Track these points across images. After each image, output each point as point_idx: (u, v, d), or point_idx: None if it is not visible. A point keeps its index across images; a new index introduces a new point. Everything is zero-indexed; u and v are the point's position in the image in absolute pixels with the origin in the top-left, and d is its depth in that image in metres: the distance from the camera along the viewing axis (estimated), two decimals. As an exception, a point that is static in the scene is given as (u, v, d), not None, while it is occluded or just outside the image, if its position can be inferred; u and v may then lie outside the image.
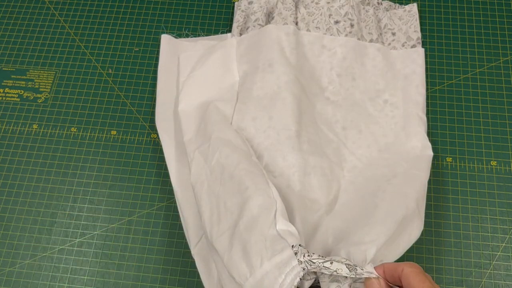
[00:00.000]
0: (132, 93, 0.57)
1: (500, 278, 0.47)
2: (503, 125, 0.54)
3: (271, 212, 0.38)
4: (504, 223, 0.50)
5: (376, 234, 0.40)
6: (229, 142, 0.46)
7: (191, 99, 0.53)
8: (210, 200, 0.44)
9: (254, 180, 0.42)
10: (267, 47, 0.53)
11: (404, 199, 0.44)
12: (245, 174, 0.43)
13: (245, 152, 0.46)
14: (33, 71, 0.59)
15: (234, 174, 0.43)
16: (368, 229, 0.41)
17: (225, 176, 0.44)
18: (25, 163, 0.54)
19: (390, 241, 0.41)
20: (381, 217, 0.42)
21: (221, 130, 0.48)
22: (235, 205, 0.41)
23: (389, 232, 0.40)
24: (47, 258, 0.50)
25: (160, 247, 0.50)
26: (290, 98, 0.50)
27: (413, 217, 0.43)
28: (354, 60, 0.54)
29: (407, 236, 0.43)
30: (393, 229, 0.41)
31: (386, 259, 0.41)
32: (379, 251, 0.40)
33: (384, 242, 0.40)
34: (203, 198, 0.44)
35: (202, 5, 0.62)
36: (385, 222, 0.41)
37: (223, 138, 0.47)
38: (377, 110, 0.53)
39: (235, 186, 0.43)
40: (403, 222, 0.42)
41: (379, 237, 0.40)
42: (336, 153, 0.50)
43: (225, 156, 0.45)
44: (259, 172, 0.43)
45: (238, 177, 0.43)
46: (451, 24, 0.60)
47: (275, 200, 0.40)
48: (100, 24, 0.61)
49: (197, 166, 0.47)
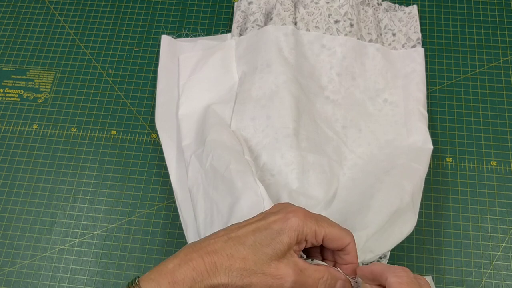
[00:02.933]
0: (132, 93, 0.57)
1: (500, 278, 0.47)
2: (503, 125, 0.54)
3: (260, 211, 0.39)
4: (504, 223, 0.50)
5: (368, 223, 0.41)
6: (222, 143, 0.47)
7: (191, 103, 0.53)
8: (205, 203, 0.45)
9: (243, 179, 0.43)
10: (266, 48, 0.53)
11: (400, 191, 0.44)
12: (235, 174, 0.43)
13: (237, 152, 0.46)
14: (33, 71, 0.59)
15: (225, 175, 0.44)
16: (361, 218, 0.42)
17: (217, 178, 0.44)
18: (25, 163, 0.54)
19: (381, 231, 0.41)
20: (375, 207, 0.43)
21: (215, 131, 0.48)
22: (226, 207, 0.42)
23: (381, 222, 0.41)
24: (47, 258, 0.50)
25: (160, 247, 0.50)
26: (288, 97, 0.50)
27: (407, 211, 0.44)
28: (354, 59, 0.54)
29: (398, 229, 0.43)
30: (385, 220, 0.41)
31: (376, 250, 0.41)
32: (369, 240, 0.40)
33: (375, 231, 0.40)
34: (198, 201, 0.45)
35: (202, 5, 0.62)
36: (378, 212, 0.42)
37: (216, 139, 0.47)
38: (377, 109, 0.53)
39: (225, 187, 0.43)
40: (396, 214, 0.42)
41: (370, 226, 0.41)
42: (336, 151, 0.50)
43: (217, 158, 0.45)
44: (248, 170, 0.44)
45: (228, 178, 0.43)
46: (451, 24, 0.60)
47: (262, 199, 0.41)
48: (100, 24, 0.61)
49: (193, 170, 0.47)
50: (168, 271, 0.31)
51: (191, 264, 0.31)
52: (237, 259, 0.31)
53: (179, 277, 0.31)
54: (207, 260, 0.31)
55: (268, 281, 0.31)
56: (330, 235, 0.33)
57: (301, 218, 0.32)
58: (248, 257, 0.32)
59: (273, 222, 0.33)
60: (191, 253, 0.32)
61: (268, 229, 0.32)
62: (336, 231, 0.34)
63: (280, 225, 0.32)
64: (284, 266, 0.32)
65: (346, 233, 0.34)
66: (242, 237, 0.32)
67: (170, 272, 0.31)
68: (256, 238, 0.32)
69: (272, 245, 0.32)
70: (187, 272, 0.31)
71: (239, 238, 0.32)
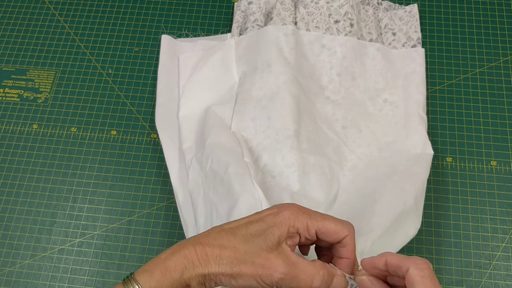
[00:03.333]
0: (132, 93, 0.57)
1: (500, 278, 0.47)
2: (503, 125, 0.54)
3: None
4: (504, 223, 0.50)
5: (372, 227, 0.41)
6: (221, 145, 0.47)
7: (192, 104, 0.53)
8: (206, 206, 0.45)
9: (241, 182, 0.43)
10: (266, 48, 0.53)
11: (402, 194, 0.44)
12: (233, 177, 0.43)
13: (236, 153, 0.46)
14: (33, 71, 0.59)
15: (224, 179, 0.44)
16: (365, 222, 0.41)
17: (217, 181, 0.45)
18: (25, 163, 0.54)
19: (386, 235, 0.41)
20: (379, 211, 0.43)
21: (215, 133, 0.48)
22: (224, 210, 0.42)
23: (386, 225, 0.41)
24: (47, 258, 0.50)
25: (160, 247, 0.50)
26: (289, 98, 0.50)
27: (411, 213, 0.44)
28: (354, 59, 0.54)
29: (403, 232, 0.43)
30: (390, 223, 0.41)
31: None
32: (375, 244, 0.40)
33: (380, 235, 0.40)
34: (199, 204, 0.46)
35: (202, 5, 0.62)
36: (382, 216, 0.42)
37: (216, 142, 0.47)
38: (377, 109, 0.53)
39: (224, 190, 0.44)
40: (400, 218, 0.42)
41: (375, 230, 0.41)
42: (336, 152, 0.50)
43: (216, 161, 0.46)
44: (247, 173, 0.44)
45: (227, 181, 0.43)
46: (451, 24, 0.60)
47: (260, 202, 0.41)
48: (100, 24, 0.61)
49: (194, 173, 0.48)
50: (160, 260, 0.32)
51: (182, 253, 0.32)
52: (228, 248, 0.32)
53: (171, 265, 0.32)
54: (198, 249, 0.32)
55: (258, 271, 0.32)
56: (324, 229, 0.33)
57: (293, 212, 0.33)
58: (239, 247, 0.32)
59: (266, 216, 0.33)
60: (184, 243, 0.33)
61: (260, 221, 0.33)
62: (330, 224, 0.33)
63: (272, 218, 0.33)
64: (274, 257, 0.32)
65: (343, 226, 0.34)
66: (235, 229, 0.33)
67: (162, 261, 0.32)
68: (248, 230, 0.33)
69: (263, 236, 0.32)
70: (178, 260, 0.32)
71: (232, 230, 0.33)
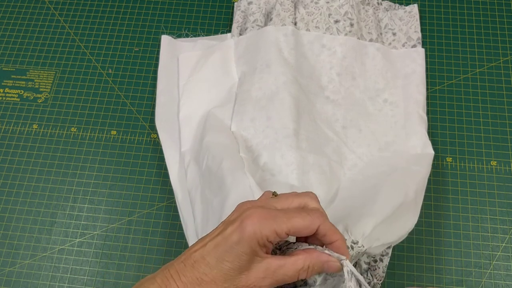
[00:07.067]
0: (132, 93, 0.57)
1: (500, 278, 0.47)
2: (503, 125, 0.54)
3: None
4: (504, 223, 0.50)
5: (374, 212, 0.41)
6: (217, 143, 0.47)
7: (192, 105, 0.53)
8: (202, 204, 0.45)
9: (233, 174, 0.43)
10: (265, 48, 0.53)
11: (403, 187, 0.45)
12: (226, 171, 0.44)
13: (232, 150, 0.47)
14: (33, 71, 0.59)
15: (217, 173, 0.44)
16: (367, 209, 0.42)
17: (212, 177, 0.45)
18: (25, 163, 0.54)
19: (386, 223, 0.42)
20: (381, 200, 0.43)
21: (213, 132, 0.49)
22: (218, 204, 0.43)
23: (387, 212, 0.42)
24: (47, 258, 0.50)
25: (160, 247, 0.50)
26: (288, 98, 0.50)
27: (410, 207, 0.44)
28: (354, 59, 0.54)
29: (402, 223, 0.43)
30: (391, 211, 0.42)
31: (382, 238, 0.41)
32: (376, 228, 0.40)
33: (381, 221, 0.41)
34: (196, 202, 0.46)
35: (202, 5, 0.62)
36: (383, 204, 0.42)
37: (212, 140, 0.48)
38: (377, 109, 0.53)
39: (217, 185, 0.44)
40: (401, 208, 0.43)
41: (376, 215, 0.41)
42: (336, 151, 0.50)
43: (212, 158, 0.46)
44: (240, 166, 0.44)
45: (220, 176, 0.44)
46: (451, 24, 0.60)
47: (252, 191, 0.41)
48: (100, 24, 0.61)
49: (192, 172, 0.48)
50: None
51: None
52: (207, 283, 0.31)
53: None
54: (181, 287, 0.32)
55: None
56: (294, 229, 0.32)
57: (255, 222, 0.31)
58: (217, 277, 0.31)
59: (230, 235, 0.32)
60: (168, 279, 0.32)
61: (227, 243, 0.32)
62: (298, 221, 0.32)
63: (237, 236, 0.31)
64: (254, 274, 0.32)
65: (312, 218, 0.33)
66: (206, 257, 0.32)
67: None
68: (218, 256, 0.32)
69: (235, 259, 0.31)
70: None
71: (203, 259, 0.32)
